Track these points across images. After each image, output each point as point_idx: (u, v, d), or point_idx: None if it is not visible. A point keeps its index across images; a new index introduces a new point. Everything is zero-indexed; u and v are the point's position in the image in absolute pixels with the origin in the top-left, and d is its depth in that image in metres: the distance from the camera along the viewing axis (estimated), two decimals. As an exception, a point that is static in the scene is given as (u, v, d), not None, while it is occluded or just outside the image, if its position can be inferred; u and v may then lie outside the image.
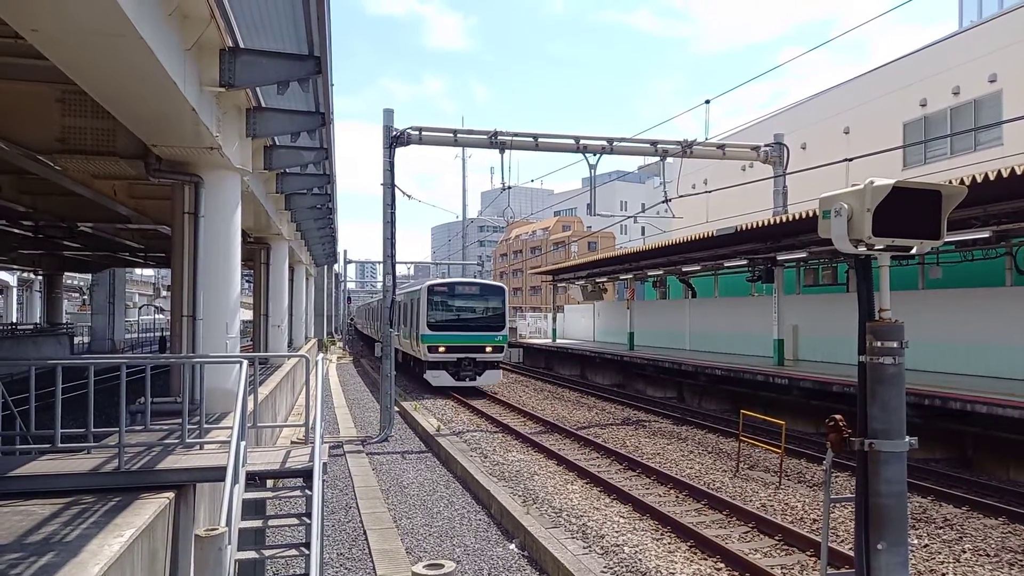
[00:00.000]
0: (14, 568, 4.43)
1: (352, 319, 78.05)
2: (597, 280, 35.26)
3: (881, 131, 26.55)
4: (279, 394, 15.82)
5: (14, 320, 55.08)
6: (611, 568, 7.88)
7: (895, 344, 3.35)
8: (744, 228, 17.84)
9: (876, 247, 3.33)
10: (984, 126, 22.91)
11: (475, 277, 53.66)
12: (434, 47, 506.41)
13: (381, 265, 19.33)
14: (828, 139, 29.10)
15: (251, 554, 6.28)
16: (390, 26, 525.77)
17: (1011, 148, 21.72)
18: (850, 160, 13.38)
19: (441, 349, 24.74)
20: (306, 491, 6.83)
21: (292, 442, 11.83)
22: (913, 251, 3.41)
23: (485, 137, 17.97)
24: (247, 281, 34.84)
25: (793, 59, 29.06)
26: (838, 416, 3.47)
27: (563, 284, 40.43)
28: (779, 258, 20.05)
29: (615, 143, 18.79)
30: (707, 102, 18.41)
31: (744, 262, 22.61)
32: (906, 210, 3.32)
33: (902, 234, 3.34)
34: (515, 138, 18.05)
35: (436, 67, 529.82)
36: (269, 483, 7.42)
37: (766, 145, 20.38)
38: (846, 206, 3.32)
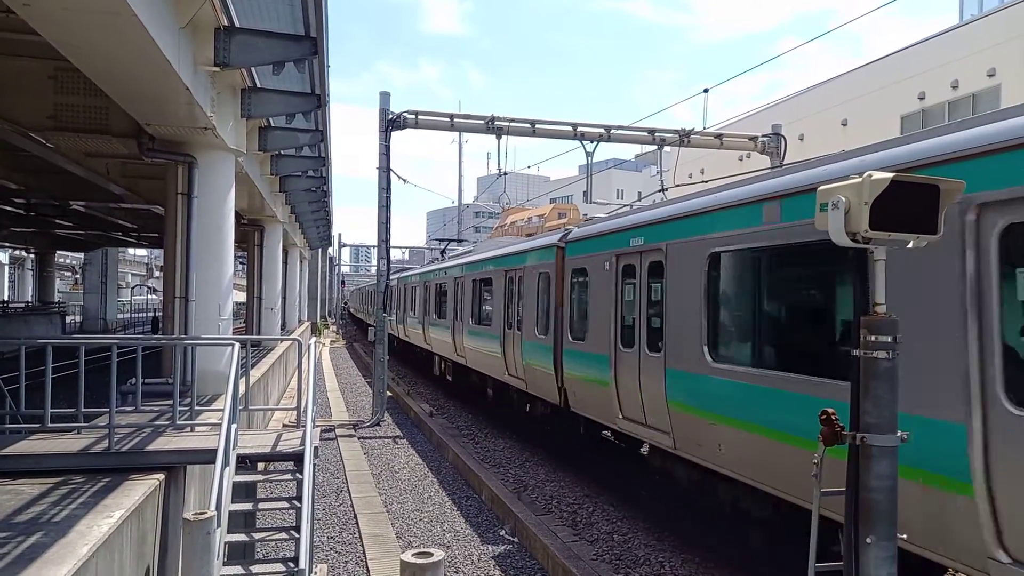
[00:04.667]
0: (2, 547, 4.42)
1: (346, 303, 77.99)
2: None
3: (879, 124, 26.46)
4: (271, 377, 15.80)
5: (5, 298, 54.80)
6: None
7: (889, 338, 3.34)
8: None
9: (873, 240, 3.31)
10: (982, 121, 22.87)
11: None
12: (431, 32, 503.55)
13: (376, 249, 19.26)
14: (826, 131, 29.03)
15: (241, 537, 6.29)
16: (386, 8, 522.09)
17: (1008, 143, 21.68)
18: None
19: None
20: (297, 474, 6.83)
21: (284, 425, 11.82)
22: (910, 245, 3.40)
23: (482, 122, 17.84)
24: (240, 263, 34.69)
25: (790, 50, 28.97)
26: (830, 410, 3.46)
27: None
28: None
29: (612, 131, 18.69)
30: (705, 91, 18.28)
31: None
32: (904, 204, 3.30)
33: (899, 228, 3.32)
34: (512, 124, 17.92)
35: (432, 53, 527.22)
36: (260, 466, 7.41)
37: (764, 136, 20.30)
38: (844, 199, 3.30)
